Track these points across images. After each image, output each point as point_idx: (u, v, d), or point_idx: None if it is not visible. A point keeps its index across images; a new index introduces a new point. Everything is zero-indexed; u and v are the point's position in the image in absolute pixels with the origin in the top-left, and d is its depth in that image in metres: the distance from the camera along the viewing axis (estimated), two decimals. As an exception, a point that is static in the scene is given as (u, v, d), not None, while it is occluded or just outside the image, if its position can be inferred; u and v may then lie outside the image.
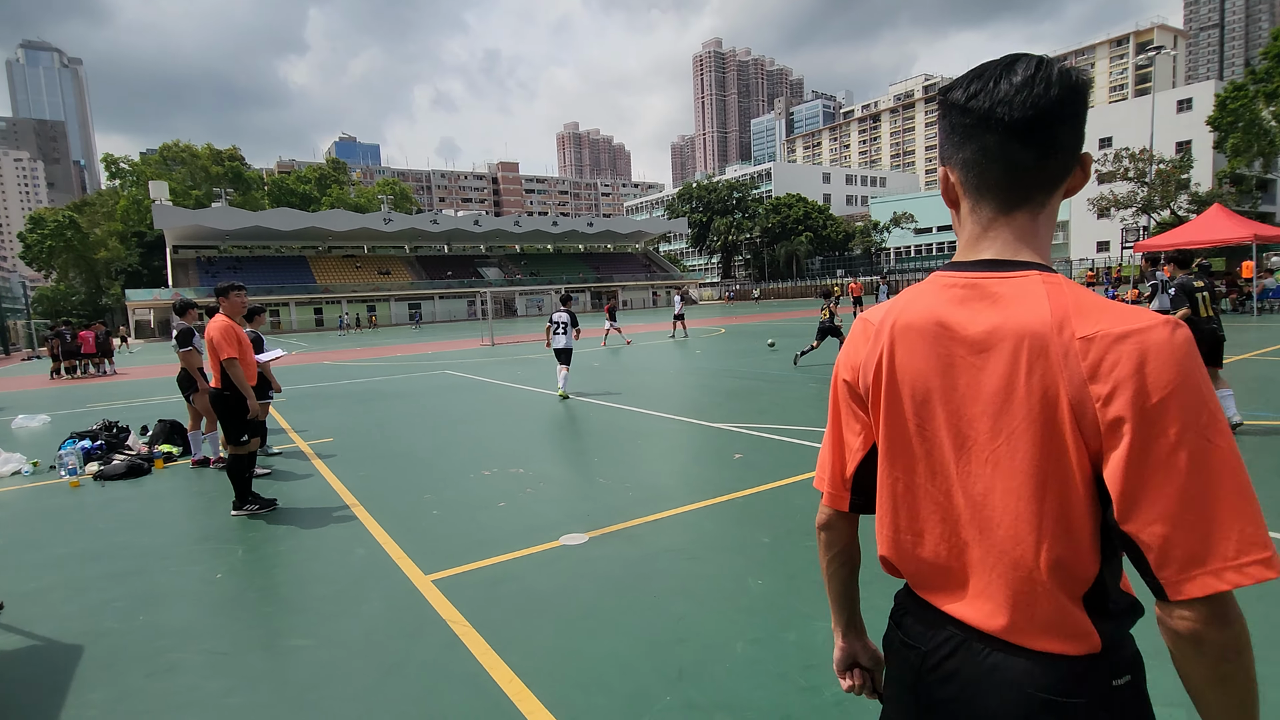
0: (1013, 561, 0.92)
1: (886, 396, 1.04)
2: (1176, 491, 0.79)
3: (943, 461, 0.99)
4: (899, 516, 1.05)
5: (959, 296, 0.97)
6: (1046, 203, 0.98)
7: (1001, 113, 0.93)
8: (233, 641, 3.40)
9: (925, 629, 1.03)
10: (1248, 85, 43.51)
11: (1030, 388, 0.88)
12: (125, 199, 69.77)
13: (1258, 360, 10.78)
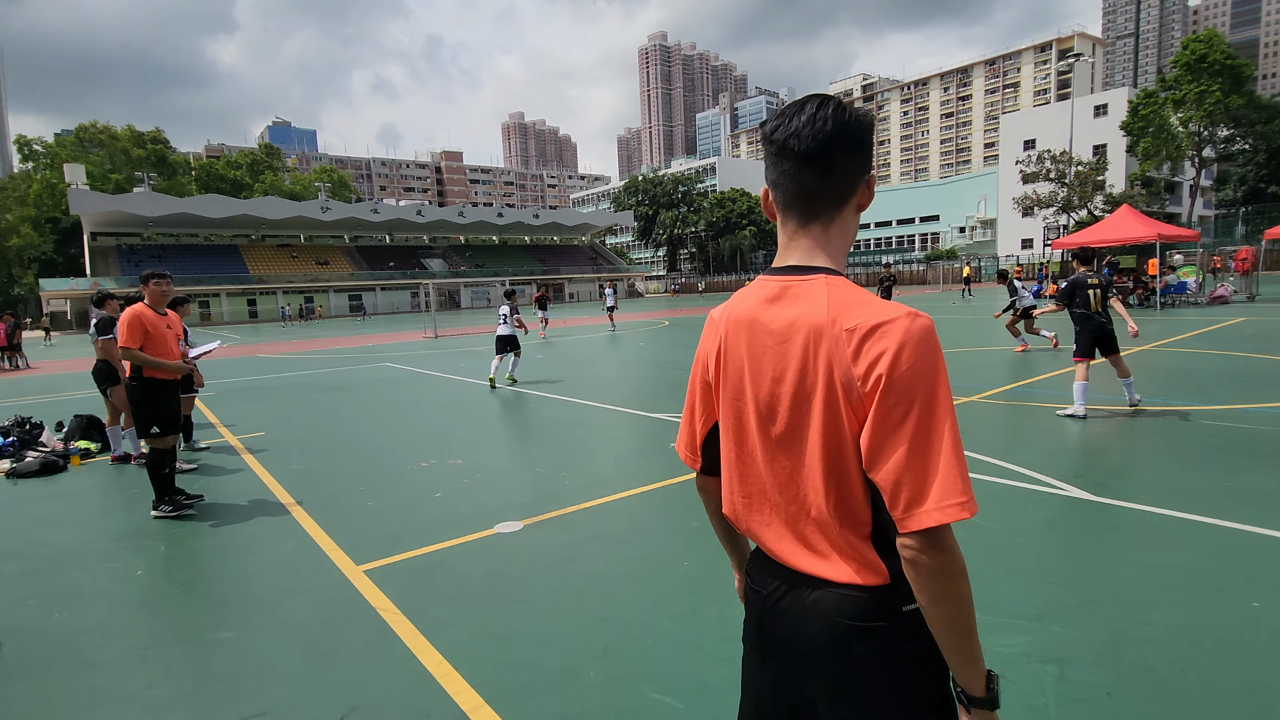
0: (814, 511, 1.13)
1: (723, 380, 1.25)
2: (904, 449, 1.00)
3: (754, 434, 1.19)
4: (732, 481, 1.26)
5: (771, 295, 1.18)
6: (836, 217, 1.18)
7: (793, 144, 1.14)
8: (153, 636, 3.36)
9: (765, 576, 1.23)
10: (1158, 93, 46.38)
11: (817, 370, 1.09)
12: (38, 183, 65.31)
13: (1156, 351, 11.61)
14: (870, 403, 1.03)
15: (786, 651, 1.18)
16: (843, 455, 1.08)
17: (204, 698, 2.80)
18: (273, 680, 2.89)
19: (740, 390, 1.21)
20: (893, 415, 1.01)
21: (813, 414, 1.10)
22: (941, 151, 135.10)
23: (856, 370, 1.04)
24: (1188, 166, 52.87)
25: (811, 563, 1.14)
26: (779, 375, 1.14)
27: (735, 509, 1.27)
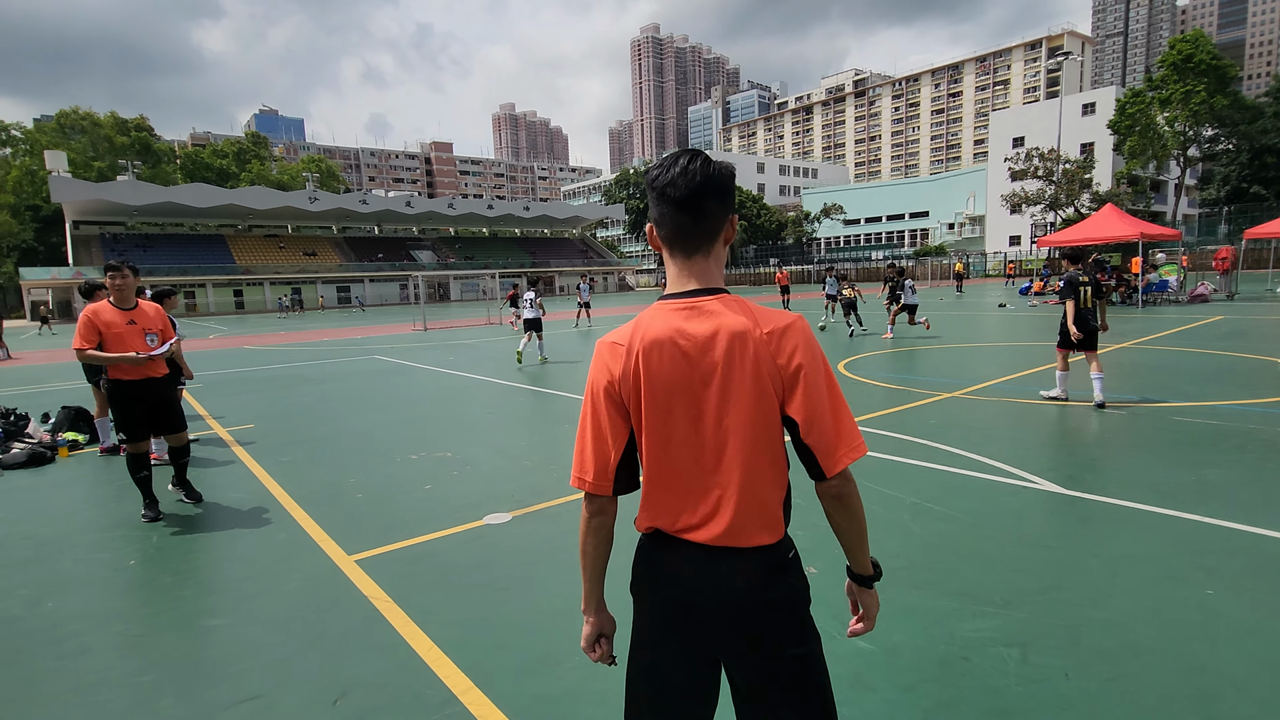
0: (750, 488, 1.37)
1: (646, 394, 1.39)
2: (826, 415, 1.35)
3: (687, 432, 1.39)
4: (660, 486, 1.43)
5: (686, 315, 1.39)
6: (711, 250, 1.44)
7: (670, 191, 1.39)
8: (146, 624, 3.43)
9: (682, 558, 1.42)
10: (1145, 92, 46.79)
11: (744, 366, 1.34)
12: (17, 169, 64.32)
13: (1135, 348, 11.84)
14: (794, 385, 1.34)
15: (708, 615, 1.39)
16: (772, 434, 1.37)
17: (195, 683, 2.88)
18: (265, 665, 2.98)
19: (668, 399, 1.38)
20: (814, 392, 1.34)
21: (745, 403, 1.35)
22: (932, 148, 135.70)
23: (779, 361, 1.34)
24: (1173, 165, 53.49)
25: (733, 533, 1.38)
26: (707, 376, 1.36)
27: (663, 512, 1.43)
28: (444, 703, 2.67)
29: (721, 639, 1.41)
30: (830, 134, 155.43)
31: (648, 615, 1.49)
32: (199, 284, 57.08)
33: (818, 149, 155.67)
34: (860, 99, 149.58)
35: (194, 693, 2.81)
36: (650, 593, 1.49)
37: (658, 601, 1.47)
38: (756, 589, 1.38)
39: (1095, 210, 43.41)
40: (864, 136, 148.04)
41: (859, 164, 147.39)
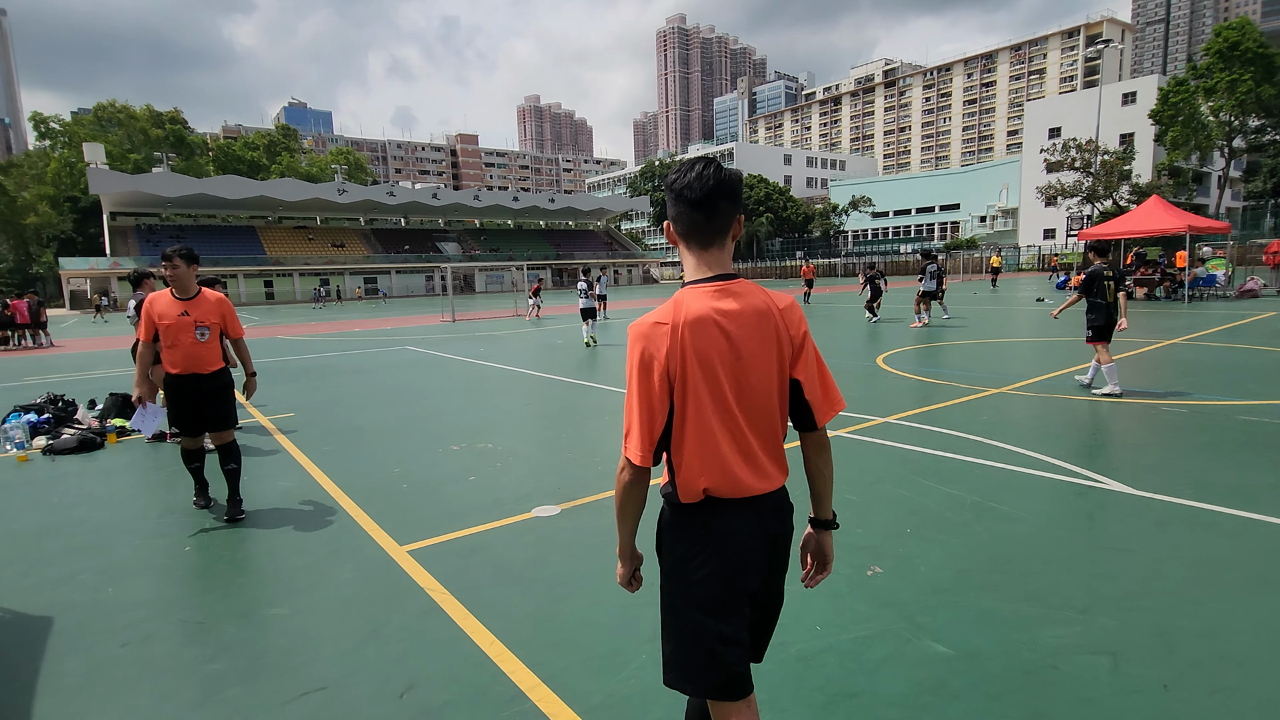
0: (775, 440, 1.67)
1: (693, 368, 1.56)
2: (821, 377, 1.69)
3: (731, 399, 1.59)
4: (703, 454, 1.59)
5: (717, 296, 1.60)
6: (724, 244, 1.67)
7: (687, 193, 1.62)
8: (207, 611, 3.43)
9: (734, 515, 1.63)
10: (1189, 80, 45.33)
11: (768, 337, 1.61)
12: (56, 161, 65.96)
13: (1185, 345, 11.45)
14: (800, 353, 1.66)
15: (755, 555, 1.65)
16: (784, 391, 1.66)
17: (262, 673, 2.86)
18: (328, 656, 2.95)
19: (713, 369, 1.57)
20: (811, 357, 1.68)
21: (773, 367, 1.63)
22: (963, 139, 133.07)
23: (791, 333, 1.64)
24: (1217, 157, 51.81)
25: (777, 475, 1.68)
26: (745, 349, 1.59)
27: (715, 473, 1.59)
28: (512, 699, 2.61)
29: (761, 571, 1.68)
30: (859, 125, 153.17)
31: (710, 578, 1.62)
32: (231, 275, 58.00)
33: (846, 140, 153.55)
34: (890, 89, 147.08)
35: (260, 682, 2.79)
36: (715, 555, 1.62)
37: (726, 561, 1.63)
38: (784, 524, 1.72)
39: (1135, 203, 42.27)
40: (893, 128, 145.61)
41: (888, 156, 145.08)
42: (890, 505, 4.47)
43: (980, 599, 3.21)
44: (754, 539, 1.64)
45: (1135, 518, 4.12)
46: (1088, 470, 4.99)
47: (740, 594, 1.64)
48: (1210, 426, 6.13)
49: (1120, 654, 2.74)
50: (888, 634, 2.95)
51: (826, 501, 1.78)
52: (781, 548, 1.72)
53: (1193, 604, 3.10)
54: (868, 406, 7.45)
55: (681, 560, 1.64)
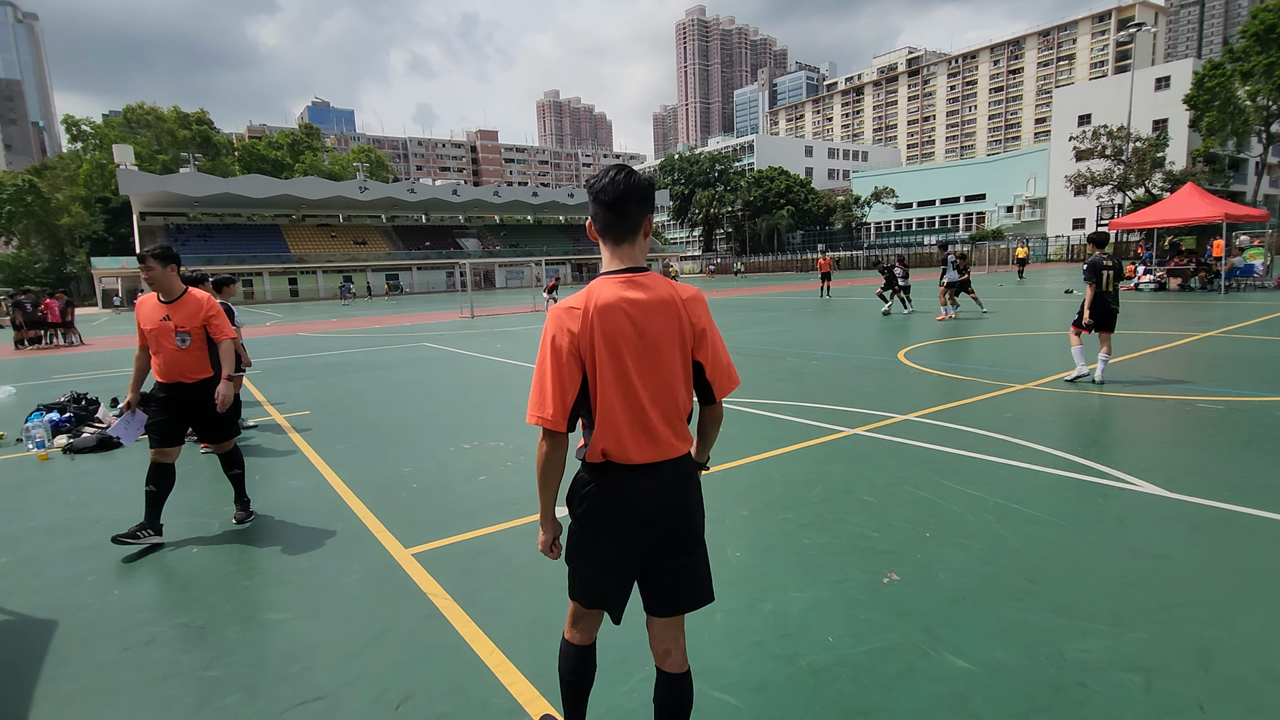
0: (677, 413, 1.89)
1: (600, 346, 1.79)
2: (721, 360, 1.93)
3: (633, 375, 1.81)
4: (617, 420, 1.82)
5: (626, 286, 1.83)
6: (635, 240, 1.88)
7: (603, 196, 1.84)
8: (210, 615, 3.39)
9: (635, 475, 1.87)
10: (1225, 64, 43.94)
11: (671, 325, 1.84)
12: (88, 163, 67.39)
13: (1222, 337, 11.04)
14: (702, 339, 1.90)
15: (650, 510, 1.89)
16: (687, 371, 1.91)
17: (260, 680, 2.81)
18: (328, 663, 2.89)
19: (618, 348, 1.79)
20: (713, 344, 1.93)
21: (676, 352, 1.86)
22: (990, 128, 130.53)
23: (693, 321, 1.88)
24: (1254, 142, 50.18)
25: (676, 444, 1.90)
26: (649, 332, 1.82)
27: (614, 439, 1.83)
28: (510, 712, 2.53)
29: (663, 529, 1.91)
30: (881, 115, 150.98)
31: (598, 524, 1.91)
32: (256, 272, 58.94)
33: (868, 131, 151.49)
34: (914, 78, 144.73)
35: (258, 690, 2.74)
36: (602, 507, 1.89)
37: (610, 513, 1.89)
38: (686, 489, 1.95)
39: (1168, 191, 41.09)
40: (917, 117, 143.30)
41: (911, 146, 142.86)
42: (909, 507, 4.31)
43: (1004, 609, 3.06)
44: (648, 499, 1.88)
45: (1169, 522, 3.93)
46: (1118, 471, 4.78)
47: (626, 543, 1.91)
48: (1248, 424, 5.86)
49: (1154, 670, 2.58)
50: (905, 646, 2.81)
51: (705, 452, 2.15)
52: (681, 506, 1.94)
53: (1231, 616, 2.92)
54: (887, 403, 7.26)
55: (585, 512, 1.92)
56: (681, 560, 1.97)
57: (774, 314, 19.96)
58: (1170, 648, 2.71)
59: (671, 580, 1.98)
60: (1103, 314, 7.71)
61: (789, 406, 7.33)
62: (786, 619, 3.06)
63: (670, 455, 1.89)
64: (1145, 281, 22.25)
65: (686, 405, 1.93)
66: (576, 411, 1.84)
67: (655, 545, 1.92)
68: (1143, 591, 3.16)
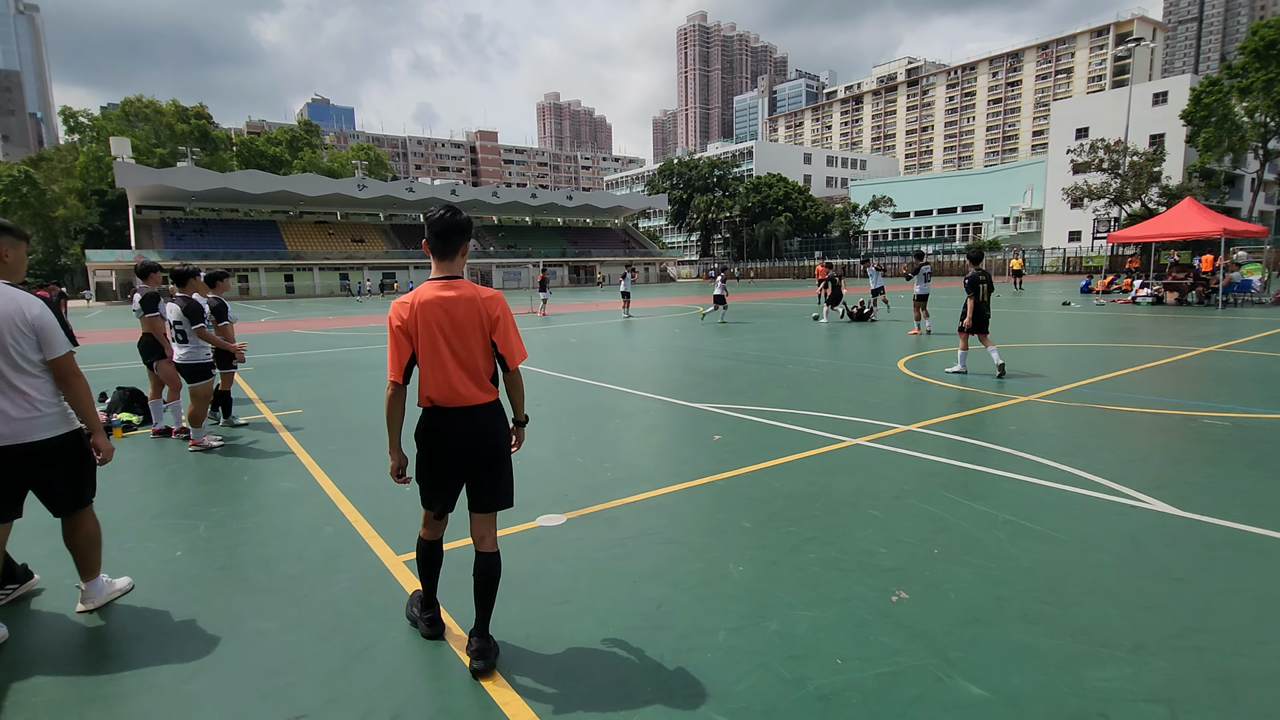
0: (478, 374, 2.73)
1: (421, 330, 2.67)
2: (511, 340, 2.80)
3: (445, 351, 2.67)
4: (434, 376, 2.70)
5: (443, 288, 2.68)
6: (454, 259, 2.75)
7: (434, 227, 2.70)
8: (190, 623, 3.25)
9: (452, 416, 2.73)
10: (1223, 80, 44.16)
11: (473, 315, 2.70)
12: (85, 155, 66.93)
13: (1221, 353, 10.99)
14: (495, 326, 2.73)
15: (465, 440, 2.76)
16: (486, 348, 2.74)
17: (240, 696, 2.67)
18: (313, 679, 2.75)
19: (433, 330, 2.67)
20: (505, 330, 2.76)
21: (476, 335, 2.71)
22: (987, 139, 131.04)
23: (489, 313, 2.71)
24: (1250, 159, 50.44)
25: (480, 395, 2.75)
26: (457, 319, 2.68)
27: (435, 390, 2.72)
28: (505, 735, 2.39)
29: (474, 453, 2.79)
30: (880, 124, 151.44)
31: (429, 449, 2.80)
32: (252, 268, 58.62)
33: (867, 140, 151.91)
34: (913, 88, 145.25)
35: (238, 706, 2.60)
36: (432, 439, 2.79)
37: (437, 442, 2.78)
38: (493, 425, 2.81)
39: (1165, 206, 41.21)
40: (915, 127, 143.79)
41: (909, 155, 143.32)
42: (916, 522, 4.20)
43: (1019, 632, 2.95)
44: (460, 433, 2.76)
45: (1184, 542, 3.82)
46: (1127, 488, 4.68)
47: (445, 460, 2.79)
48: (1256, 442, 5.78)
49: (1177, 701, 2.47)
50: (917, 670, 2.69)
51: (519, 411, 2.99)
52: (486, 437, 2.80)
53: (1256, 644, 2.81)
54: (889, 413, 7.16)
55: (421, 443, 2.82)
56: (489, 475, 2.84)
57: (773, 320, 19.88)
58: (1194, 678, 2.60)
59: (483, 489, 2.85)
60: (981, 319, 9.17)
61: (790, 415, 7.22)
62: (793, 639, 2.94)
63: (476, 402, 2.75)
64: (1142, 296, 22.26)
65: (487, 369, 2.79)
66: (410, 370, 2.74)
67: (470, 464, 2.80)
68: (1162, 616, 3.05)
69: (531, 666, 2.79)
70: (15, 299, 3.06)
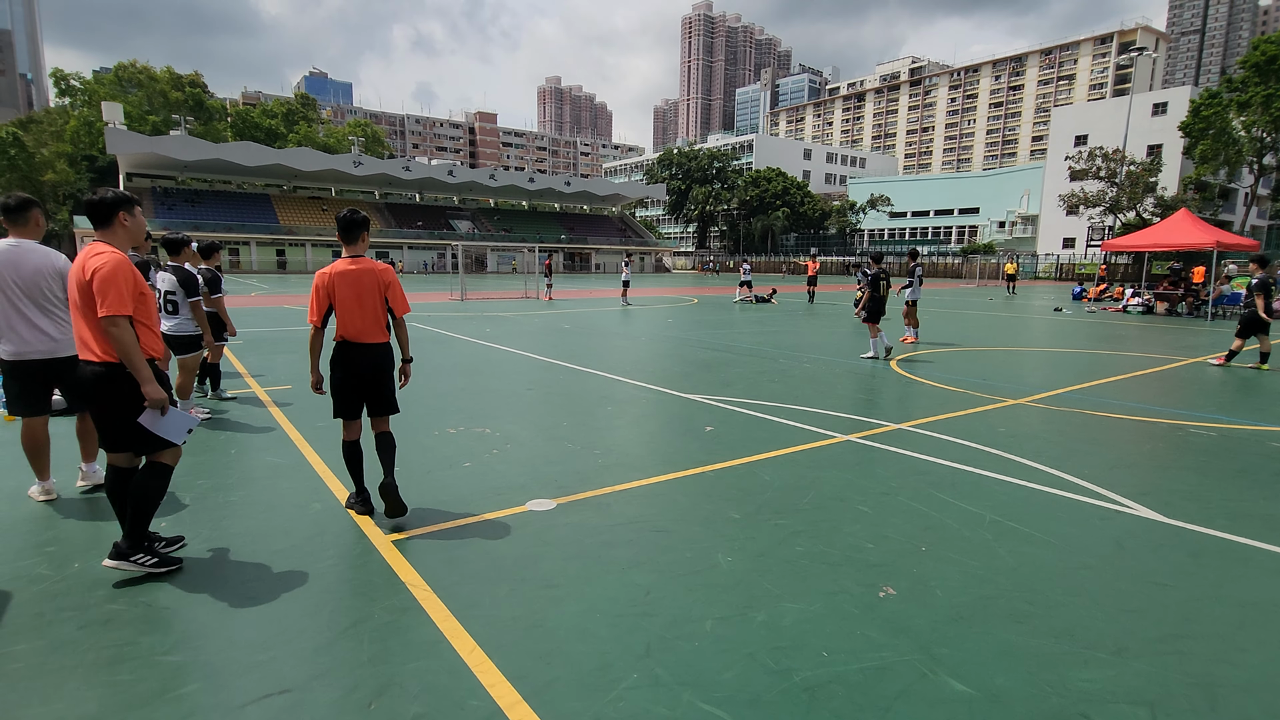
0: (376, 322, 4.04)
1: (338, 292, 3.97)
2: (398, 297, 4.14)
3: (355, 305, 3.97)
4: (346, 321, 3.99)
5: (350, 263, 4.02)
6: (356, 244, 4.10)
7: (341, 224, 4.06)
8: (175, 595, 3.22)
9: (354, 350, 4.02)
10: (1222, 93, 44.32)
11: (372, 281, 4.02)
12: (75, 119, 65.82)
13: (1211, 364, 11.09)
14: (388, 288, 4.07)
15: (363, 366, 4.03)
16: (381, 304, 4.05)
17: (224, 668, 2.65)
18: (297, 654, 2.74)
19: (346, 294, 3.94)
20: (396, 291, 4.12)
21: (377, 293, 4.02)
22: (987, 142, 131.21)
23: (383, 279, 4.05)
24: (1245, 173, 50.76)
25: (378, 336, 4.05)
26: (362, 285, 3.98)
27: (347, 330, 3.99)
28: (489, 716, 2.39)
29: (370, 377, 4.03)
30: (881, 123, 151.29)
31: (341, 372, 4.01)
32: (244, 241, 58.01)
33: (867, 138, 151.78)
34: (915, 88, 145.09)
35: (221, 679, 2.58)
36: (342, 364, 3.99)
37: (345, 366, 4.00)
38: (383, 358, 4.09)
39: (1159, 216, 41.47)
40: (916, 127, 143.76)
41: (909, 155, 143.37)
42: (904, 519, 4.22)
43: (1003, 631, 2.97)
44: (361, 362, 4.00)
45: (1167, 549, 3.86)
46: (1113, 493, 4.72)
47: (352, 382, 4.01)
48: (1242, 452, 5.84)
49: (1158, 705, 2.49)
50: (902, 665, 2.71)
51: (405, 349, 4.17)
52: (377, 365, 4.06)
53: (1236, 651, 2.85)
54: (880, 411, 7.18)
55: (333, 366, 4.03)
56: (378, 391, 4.10)
57: (767, 314, 19.89)
58: (1175, 681, 2.63)
59: (377, 400, 4.12)
60: (876, 310, 10.82)
61: (781, 409, 7.23)
62: (780, 630, 2.95)
63: (374, 341, 4.03)
64: (1133, 304, 22.43)
65: (381, 319, 4.04)
66: (327, 317, 3.96)
67: (367, 382, 4.05)
68: (1144, 620, 3.08)
69: (518, 649, 2.79)
70: (48, 255, 4.32)
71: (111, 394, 3.24)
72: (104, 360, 3.21)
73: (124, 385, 3.22)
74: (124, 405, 3.24)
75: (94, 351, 3.23)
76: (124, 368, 3.20)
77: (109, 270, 3.13)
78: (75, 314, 3.27)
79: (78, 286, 3.20)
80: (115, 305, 3.10)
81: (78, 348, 3.29)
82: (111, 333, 3.12)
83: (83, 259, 3.20)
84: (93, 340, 3.23)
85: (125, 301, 3.14)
